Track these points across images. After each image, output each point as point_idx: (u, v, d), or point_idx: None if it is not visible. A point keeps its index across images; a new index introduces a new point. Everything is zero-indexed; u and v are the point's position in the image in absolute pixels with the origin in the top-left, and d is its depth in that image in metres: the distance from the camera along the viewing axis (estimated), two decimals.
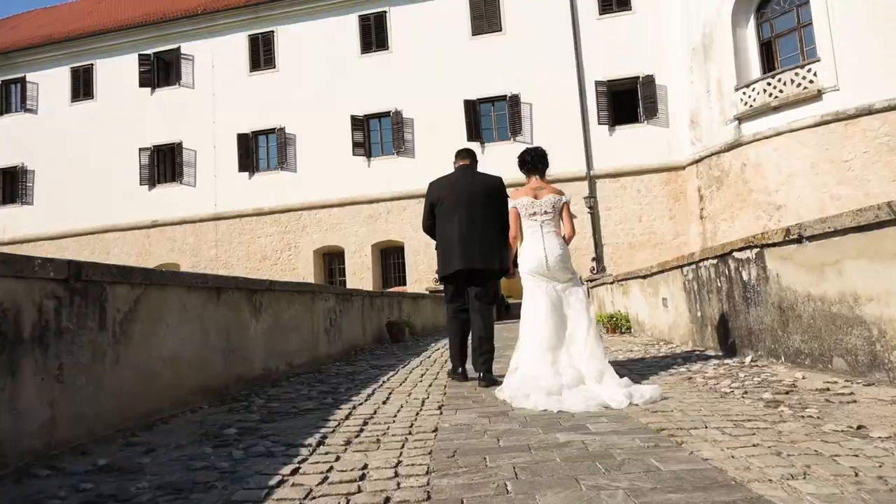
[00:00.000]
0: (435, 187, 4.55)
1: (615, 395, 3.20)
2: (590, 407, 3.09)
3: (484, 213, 4.33)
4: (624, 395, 3.18)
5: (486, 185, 4.46)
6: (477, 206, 4.34)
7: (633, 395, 3.21)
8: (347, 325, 7.77)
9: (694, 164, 18.54)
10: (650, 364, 4.95)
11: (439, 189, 4.51)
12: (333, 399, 3.85)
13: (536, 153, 4.24)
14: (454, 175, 4.59)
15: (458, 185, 4.45)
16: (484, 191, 4.42)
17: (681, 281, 6.11)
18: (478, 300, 4.40)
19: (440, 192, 4.48)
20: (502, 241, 4.35)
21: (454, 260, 4.33)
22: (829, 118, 14.84)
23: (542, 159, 4.25)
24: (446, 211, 4.40)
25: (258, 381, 4.88)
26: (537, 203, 4.09)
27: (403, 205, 21.13)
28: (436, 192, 4.51)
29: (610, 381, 3.49)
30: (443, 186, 4.51)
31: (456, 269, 4.34)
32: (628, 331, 8.63)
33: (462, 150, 4.77)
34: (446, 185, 4.50)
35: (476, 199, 4.36)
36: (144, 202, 23.39)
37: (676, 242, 19.08)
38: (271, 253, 22.31)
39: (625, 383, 3.47)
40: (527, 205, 4.11)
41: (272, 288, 5.27)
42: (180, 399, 3.73)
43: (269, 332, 5.23)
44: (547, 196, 4.11)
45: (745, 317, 4.66)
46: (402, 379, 4.74)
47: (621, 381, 3.48)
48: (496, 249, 4.33)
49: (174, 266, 23.18)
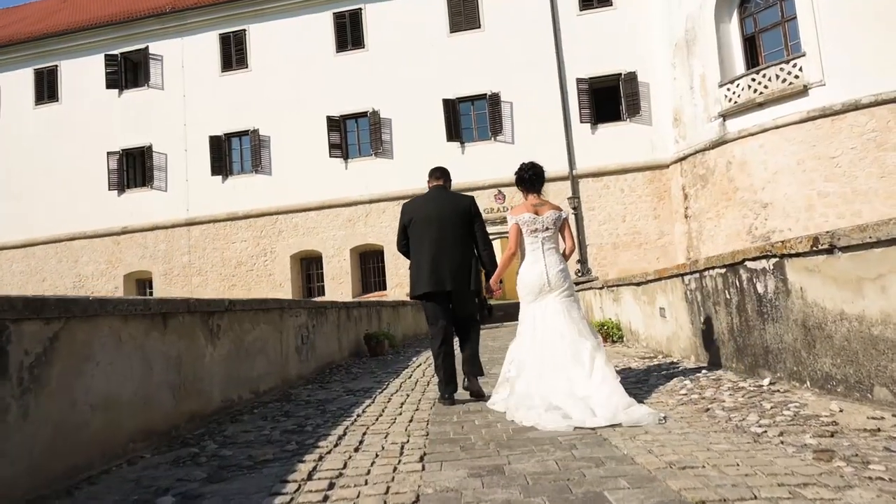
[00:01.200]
0: (407, 209, 4.57)
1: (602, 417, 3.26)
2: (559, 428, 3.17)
3: (454, 234, 4.36)
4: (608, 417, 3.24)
5: (455, 206, 4.46)
6: (447, 227, 4.36)
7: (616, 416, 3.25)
8: (321, 342, 7.20)
9: (678, 163, 18.22)
10: (655, 385, 4.46)
11: (411, 210, 4.53)
12: (297, 444, 3.30)
13: (534, 172, 4.22)
14: (427, 196, 4.60)
15: (429, 206, 4.47)
16: (453, 211, 4.42)
17: (681, 290, 5.65)
18: (461, 322, 4.48)
19: (412, 213, 4.50)
20: (473, 261, 4.43)
21: (423, 282, 4.37)
22: (816, 114, 14.57)
23: (540, 178, 4.25)
24: (417, 232, 4.43)
25: (216, 415, 4.30)
26: (539, 219, 4.10)
27: (382, 207, 20.56)
28: (408, 213, 4.53)
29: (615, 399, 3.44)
30: (415, 207, 4.53)
31: (424, 291, 4.37)
32: (620, 340, 8.17)
33: (435, 168, 4.75)
34: (418, 206, 4.52)
35: (446, 221, 4.38)
36: (114, 208, 22.51)
37: (661, 242, 18.76)
38: (247, 259, 21.59)
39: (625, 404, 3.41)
40: (528, 221, 4.11)
41: (232, 308, 4.70)
42: (116, 449, 3.15)
43: (229, 358, 4.65)
44: (548, 212, 4.12)
45: (760, 333, 4.19)
46: (380, 411, 4.20)
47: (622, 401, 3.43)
48: (467, 270, 4.36)
49: (146, 273, 22.38)
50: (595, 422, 3.22)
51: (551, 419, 3.29)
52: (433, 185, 4.64)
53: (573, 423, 3.23)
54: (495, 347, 8.87)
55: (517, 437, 3.11)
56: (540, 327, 3.90)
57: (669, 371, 5.05)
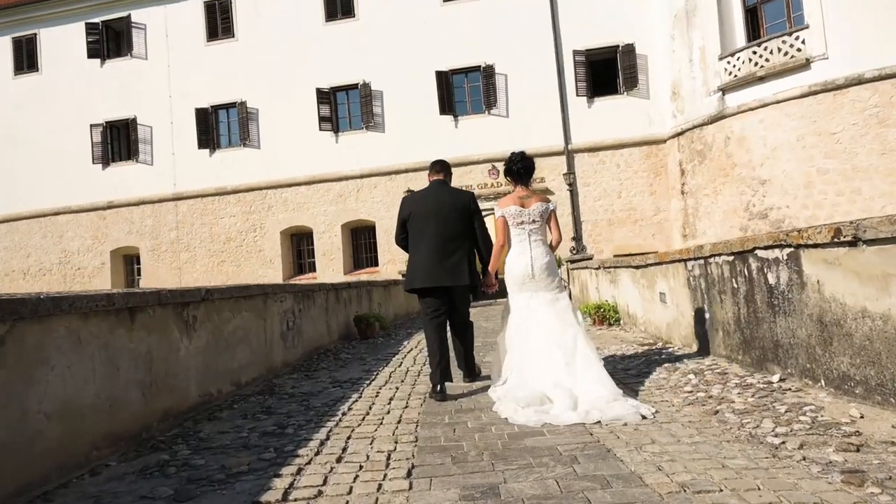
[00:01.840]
0: (407, 203, 4.56)
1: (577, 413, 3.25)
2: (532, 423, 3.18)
3: (453, 230, 4.35)
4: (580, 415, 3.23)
5: (455, 202, 4.45)
6: (446, 223, 4.35)
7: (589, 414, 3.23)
8: (309, 326, 6.94)
9: (675, 138, 17.88)
10: (657, 379, 4.24)
11: (411, 205, 4.51)
12: (276, 450, 3.05)
13: (524, 165, 4.19)
14: (426, 190, 4.59)
15: (428, 201, 4.47)
16: (453, 207, 4.41)
17: (684, 276, 5.40)
18: (455, 319, 4.50)
19: (411, 207, 4.49)
20: (471, 257, 4.41)
21: (419, 277, 4.37)
22: (818, 88, 14.24)
23: (529, 171, 4.22)
24: (416, 227, 4.43)
25: (193, 412, 4.05)
26: (525, 212, 4.09)
27: (374, 182, 20.18)
28: (407, 208, 4.51)
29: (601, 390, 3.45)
30: (414, 202, 4.53)
31: (420, 286, 4.37)
32: (617, 323, 7.96)
33: (436, 162, 4.71)
34: (418, 201, 4.52)
35: (444, 216, 4.37)
36: (98, 182, 22.02)
37: (657, 219, 18.53)
38: (236, 234, 21.22)
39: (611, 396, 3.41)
40: (514, 214, 4.11)
41: (209, 297, 4.41)
42: (77, 459, 2.89)
43: (207, 350, 4.38)
44: (535, 205, 4.11)
45: (769, 326, 3.96)
46: (366, 408, 3.95)
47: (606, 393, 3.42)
48: (464, 266, 4.34)
49: (133, 249, 21.99)
50: (569, 417, 3.23)
51: (523, 415, 3.32)
52: (433, 179, 4.60)
53: (547, 418, 3.26)
54: (488, 329, 8.64)
55: (513, 446, 2.87)
56: (526, 318, 3.93)
57: (671, 362, 4.83)
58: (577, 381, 3.55)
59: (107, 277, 22.03)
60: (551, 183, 18.77)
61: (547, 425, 3.22)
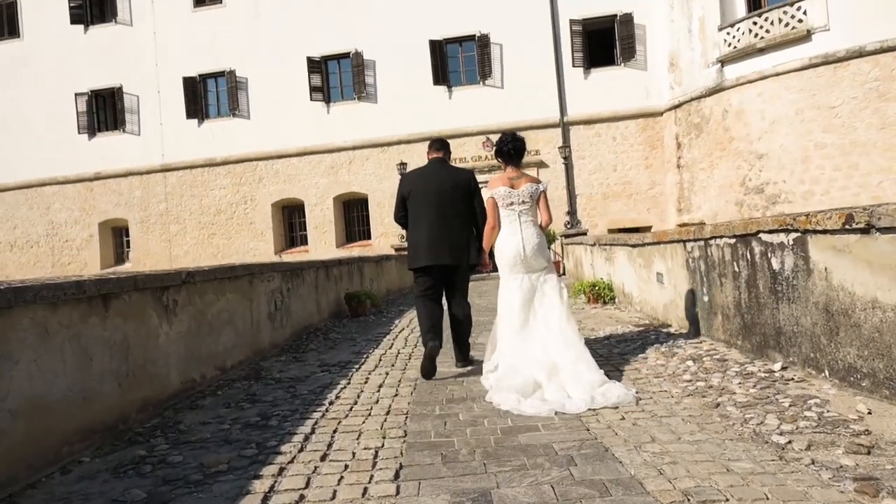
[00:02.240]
0: (407, 180, 4.57)
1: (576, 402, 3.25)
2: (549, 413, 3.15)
3: (453, 209, 4.35)
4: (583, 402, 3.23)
5: (455, 180, 4.45)
6: (446, 202, 4.35)
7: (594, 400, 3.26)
8: (298, 305, 6.79)
9: (672, 110, 17.60)
10: (655, 366, 4.11)
11: (411, 182, 4.52)
12: (258, 446, 2.91)
13: (514, 146, 4.17)
14: (426, 168, 4.59)
15: (429, 179, 4.45)
16: (454, 186, 4.41)
17: (683, 257, 5.25)
18: (453, 292, 4.47)
19: (411, 185, 4.48)
20: (472, 235, 4.41)
21: (422, 255, 4.35)
22: (818, 61, 13.96)
23: (519, 152, 4.21)
24: (416, 205, 4.42)
25: (174, 399, 3.90)
26: (515, 193, 4.08)
27: (366, 154, 19.86)
28: (407, 185, 4.51)
29: (584, 373, 3.52)
30: (414, 180, 4.54)
31: (424, 265, 4.36)
32: (612, 301, 7.84)
33: (435, 140, 4.70)
34: (417, 179, 4.52)
35: (446, 195, 4.36)
36: (85, 152, 21.60)
37: (652, 192, 18.36)
38: (226, 206, 20.93)
39: (598, 381, 3.47)
40: (504, 195, 4.09)
41: (191, 280, 4.23)
42: (48, 456, 2.75)
43: (189, 335, 4.22)
44: (524, 186, 4.09)
45: (772, 313, 3.82)
46: (355, 396, 3.82)
47: (595, 376, 3.50)
48: (465, 244, 4.37)
49: (122, 221, 21.68)
50: (574, 405, 3.23)
51: (530, 405, 3.28)
52: (432, 158, 4.58)
53: (553, 406, 3.23)
54: (482, 307, 8.51)
55: (506, 444, 2.74)
56: (518, 299, 3.95)
57: (669, 346, 4.70)
58: (561, 360, 3.66)
59: (95, 250, 21.76)
60: (546, 156, 18.52)
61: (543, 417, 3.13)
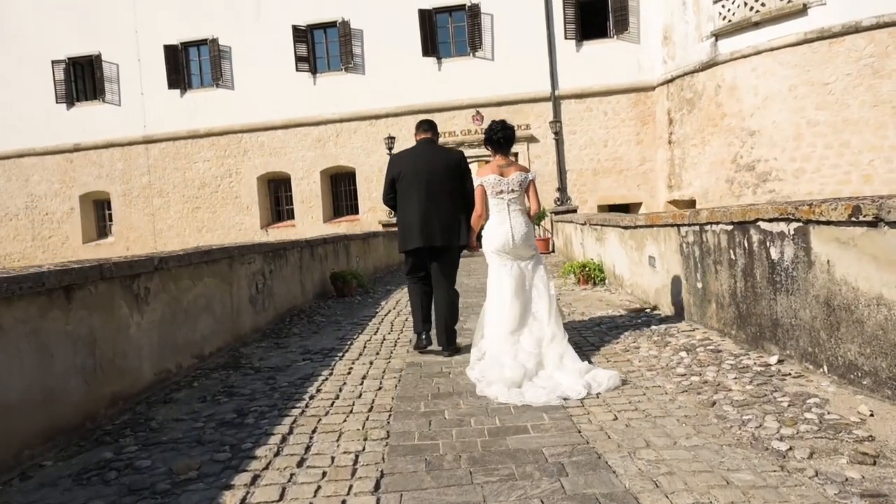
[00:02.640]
0: (396, 162, 4.54)
1: (574, 386, 3.31)
2: (551, 400, 3.17)
3: (443, 190, 4.35)
4: (582, 386, 3.30)
5: (446, 161, 4.45)
6: (436, 183, 4.35)
7: (591, 386, 3.31)
8: (281, 287, 6.60)
9: (665, 85, 17.34)
10: (647, 357, 3.99)
11: (400, 164, 4.49)
12: (231, 449, 2.75)
13: (504, 135, 4.13)
14: (415, 150, 4.55)
15: (418, 160, 4.43)
16: (444, 167, 4.40)
17: (676, 242, 5.11)
18: (441, 277, 4.45)
19: (401, 166, 4.46)
20: (462, 216, 4.39)
21: (413, 237, 4.37)
22: (813, 36, 13.73)
23: (509, 140, 4.17)
24: (406, 187, 4.40)
25: (148, 392, 3.73)
26: (504, 181, 4.06)
27: (353, 127, 19.46)
28: (396, 167, 4.49)
29: (569, 364, 3.58)
30: (403, 161, 4.50)
31: (414, 247, 4.40)
32: (602, 282, 7.71)
33: (423, 121, 4.66)
34: (407, 160, 4.48)
35: (436, 176, 4.36)
36: (64, 123, 21.01)
37: (643, 169, 18.17)
38: (210, 179, 20.51)
39: (584, 368, 3.52)
40: (493, 183, 4.08)
41: (164, 266, 4.03)
42: (6, 461, 2.58)
43: (163, 323, 4.03)
44: (514, 174, 4.08)
45: (769, 304, 3.70)
46: (337, 389, 3.66)
47: (581, 365, 3.55)
48: (456, 225, 4.37)
49: (104, 194, 21.22)
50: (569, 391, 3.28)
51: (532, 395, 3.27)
52: (420, 139, 4.56)
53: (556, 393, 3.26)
54: (470, 287, 8.38)
55: (493, 448, 2.60)
56: (507, 291, 3.93)
57: (661, 335, 4.58)
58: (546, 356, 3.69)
59: (77, 223, 21.34)
60: (537, 130, 18.25)
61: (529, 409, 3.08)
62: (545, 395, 3.23)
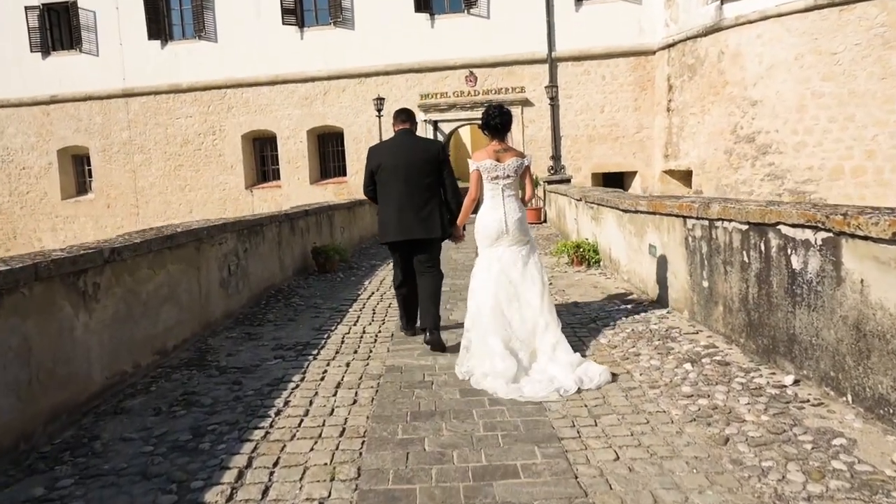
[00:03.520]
0: (375, 154, 4.49)
1: (566, 382, 3.33)
2: (549, 395, 3.23)
3: (422, 182, 4.31)
4: (573, 381, 3.33)
5: (425, 152, 4.41)
6: (415, 175, 4.31)
7: (582, 381, 3.35)
8: (257, 266, 6.20)
9: (666, 49, 16.69)
10: (649, 372, 3.65)
11: (379, 156, 4.44)
12: (179, 488, 2.40)
13: (501, 120, 4.05)
14: (394, 140, 4.53)
15: (397, 151, 4.39)
16: (424, 158, 4.36)
17: (681, 234, 4.74)
18: (422, 267, 4.42)
19: (380, 159, 4.41)
20: (442, 208, 4.39)
21: (392, 229, 4.36)
22: (823, 2, 13.13)
23: (506, 126, 4.09)
24: (386, 179, 4.37)
25: (98, 399, 3.37)
26: (500, 166, 4.00)
27: (342, 85, 18.72)
28: (376, 158, 4.44)
29: (562, 356, 3.59)
30: (382, 153, 4.46)
31: (393, 240, 4.39)
32: (597, 264, 7.36)
33: (400, 111, 4.60)
34: (386, 152, 4.46)
35: (415, 167, 4.32)
36: (39, 73, 20.10)
37: (639, 136, 17.67)
38: (193, 136, 19.79)
39: (576, 361, 3.55)
40: (489, 168, 4.01)
41: (116, 258, 3.61)
42: None
43: (117, 320, 3.64)
44: (510, 160, 4.03)
45: (785, 316, 3.35)
46: (307, 402, 3.31)
47: (573, 357, 3.58)
48: (436, 218, 4.34)
49: (83, 149, 20.46)
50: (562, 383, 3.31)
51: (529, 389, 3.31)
52: (399, 129, 4.50)
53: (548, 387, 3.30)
54: (459, 262, 8.02)
55: (478, 498, 2.26)
56: (496, 273, 3.90)
57: (662, 337, 4.24)
58: (539, 344, 3.70)
59: (55, 179, 20.63)
60: (532, 93, 17.61)
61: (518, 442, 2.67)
62: (543, 390, 3.28)
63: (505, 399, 3.23)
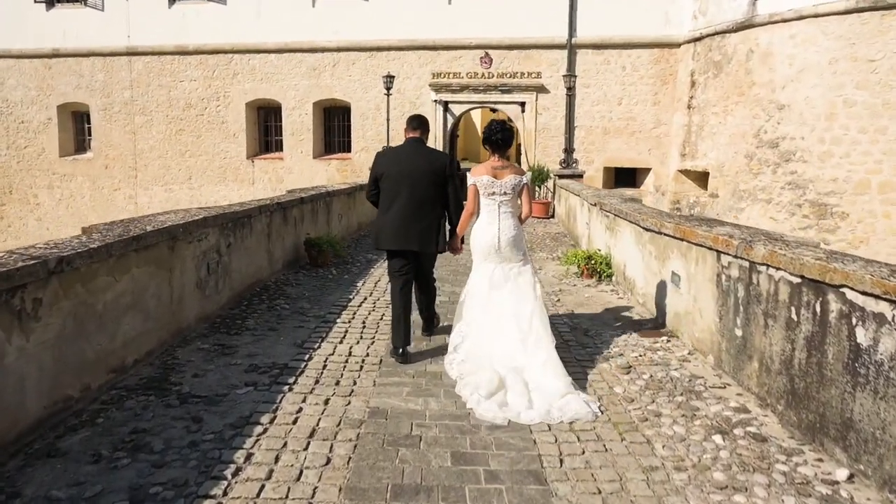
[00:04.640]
0: (381, 160, 4.42)
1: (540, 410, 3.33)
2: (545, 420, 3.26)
3: (426, 195, 4.26)
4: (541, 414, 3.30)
5: (431, 164, 4.30)
6: (419, 188, 4.24)
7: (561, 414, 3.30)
8: (241, 261, 5.70)
9: (692, 43, 15.95)
10: (671, 442, 3.16)
11: (385, 163, 4.36)
12: None
13: (503, 136, 4.05)
14: (402, 149, 4.43)
15: (404, 162, 4.30)
16: (429, 170, 4.26)
17: (713, 269, 4.21)
18: (419, 277, 4.50)
19: (386, 167, 4.33)
20: (442, 221, 4.36)
21: (389, 238, 4.30)
22: (865, 5, 12.39)
23: (507, 142, 4.09)
24: (389, 187, 4.29)
25: (31, 435, 2.90)
26: (497, 183, 4.01)
27: (352, 58, 18.01)
28: (382, 166, 4.36)
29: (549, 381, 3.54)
30: (389, 160, 4.38)
31: (387, 248, 4.34)
32: (608, 278, 6.85)
33: (413, 117, 4.48)
34: (393, 160, 4.36)
35: (419, 179, 4.24)
36: (42, 24, 19.41)
37: (656, 132, 17.00)
38: (197, 101, 19.14)
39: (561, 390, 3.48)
40: (486, 184, 4.01)
41: (64, 268, 3.10)
42: None
43: (62, 340, 3.15)
44: (508, 177, 4.02)
45: (842, 395, 2.85)
46: (273, 457, 2.83)
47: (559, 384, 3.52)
48: (434, 232, 4.30)
49: (83, 106, 19.84)
50: (529, 416, 3.29)
51: (488, 408, 3.33)
52: (409, 137, 4.41)
53: (508, 414, 3.30)
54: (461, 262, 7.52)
55: None
56: (489, 288, 3.97)
57: (686, 391, 3.75)
58: (528, 360, 3.69)
59: (54, 135, 20.05)
60: (548, 79, 16.91)
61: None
62: (502, 417, 3.28)
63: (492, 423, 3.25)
